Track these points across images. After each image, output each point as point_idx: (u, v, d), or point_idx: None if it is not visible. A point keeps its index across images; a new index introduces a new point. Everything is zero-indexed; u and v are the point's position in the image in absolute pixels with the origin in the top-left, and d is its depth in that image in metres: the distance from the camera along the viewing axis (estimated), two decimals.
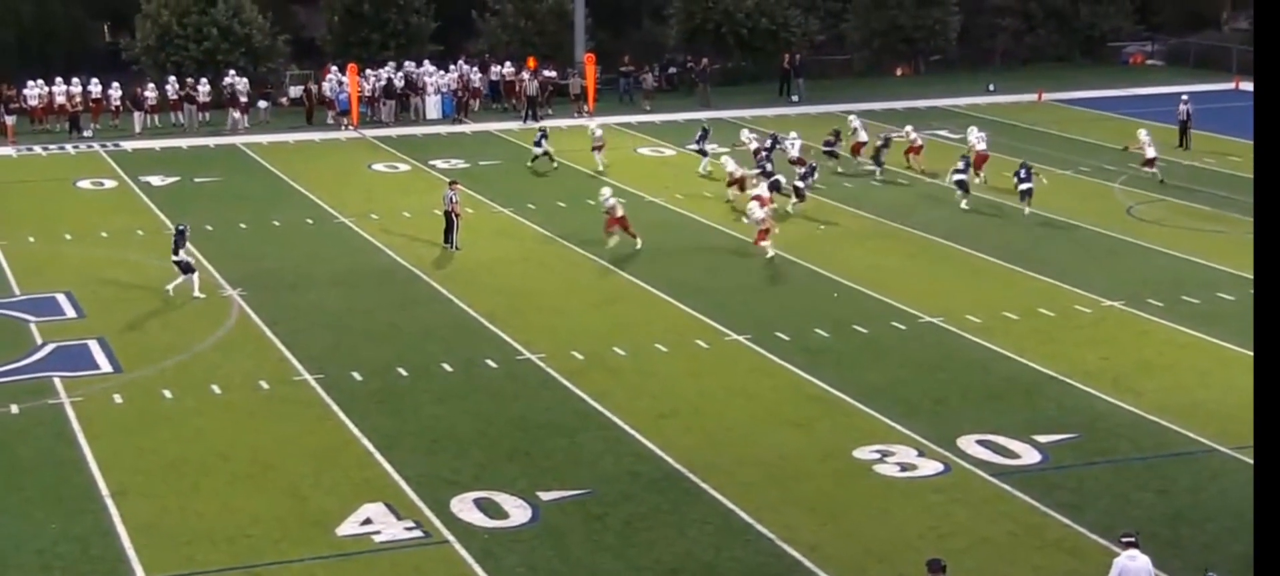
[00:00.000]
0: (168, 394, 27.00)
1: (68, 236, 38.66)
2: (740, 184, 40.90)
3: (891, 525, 21.52)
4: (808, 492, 22.61)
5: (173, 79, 57.40)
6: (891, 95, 61.53)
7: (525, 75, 59.05)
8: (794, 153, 45.02)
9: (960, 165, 42.06)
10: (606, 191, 38.28)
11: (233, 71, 57.68)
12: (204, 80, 57.17)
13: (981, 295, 33.04)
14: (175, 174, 46.95)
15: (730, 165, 41.86)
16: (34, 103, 55.54)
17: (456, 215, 37.11)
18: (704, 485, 22.77)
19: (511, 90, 60.44)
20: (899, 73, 69.44)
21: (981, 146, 44.65)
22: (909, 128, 47.95)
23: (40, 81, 55.79)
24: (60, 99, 55.42)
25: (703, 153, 46.69)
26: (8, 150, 51.45)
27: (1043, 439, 24.48)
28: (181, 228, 33.64)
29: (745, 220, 36.92)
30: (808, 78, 62.91)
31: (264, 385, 27.49)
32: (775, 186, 40.00)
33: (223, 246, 37.31)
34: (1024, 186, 40.34)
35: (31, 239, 38.15)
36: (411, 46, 63.50)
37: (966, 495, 22.52)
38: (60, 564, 20.49)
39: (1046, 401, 26.56)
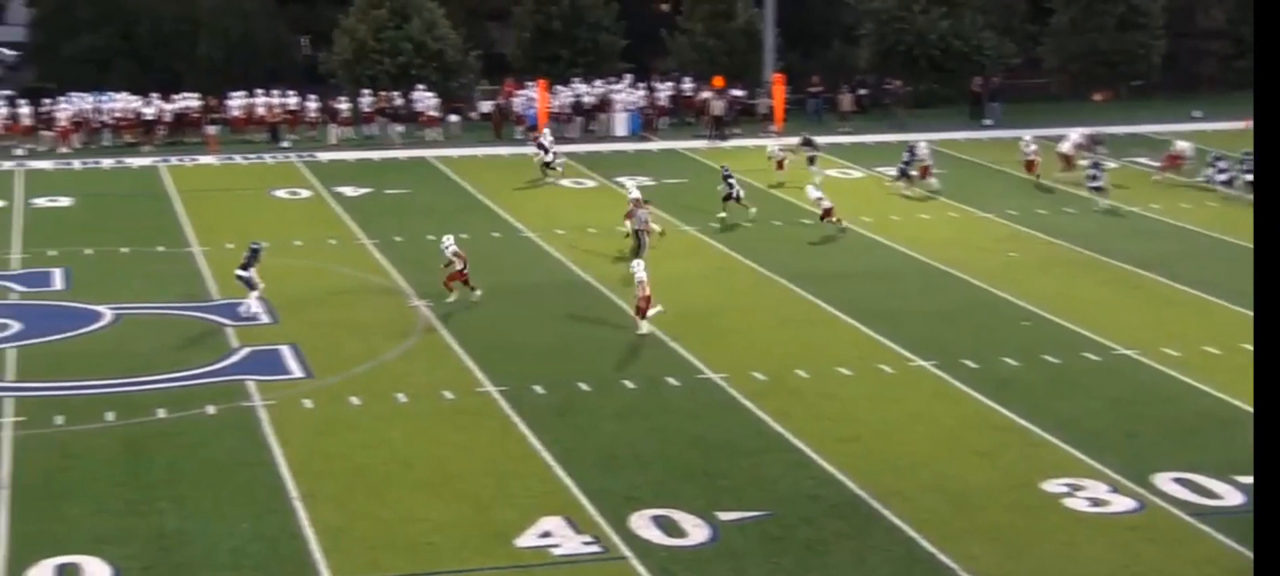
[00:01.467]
0: (355, 401, 27.63)
1: (265, 243, 39.71)
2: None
3: (1081, 562, 21.12)
4: (993, 524, 22.31)
5: (367, 92, 58.80)
6: (1090, 120, 60.38)
7: (710, 94, 59.26)
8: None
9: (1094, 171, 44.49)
10: (631, 183, 38.85)
11: (423, 86, 58.93)
12: (397, 94, 58.43)
13: (1178, 327, 32.28)
14: (367, 185, 48.03)
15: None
16: (236, 113, 57.40)
17: (647, 232, 37.36)
18: (886, 511, 22.61)
19: (692, 106, 60.69)
20: (1098, 98, 68.06)
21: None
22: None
23: (242, 93, 57.66)
24: (260, 110, 57.17)
25: (907, 175, 46.47)
26: (210, 159, 53.12)
27: (1244, 480, 23.73)
28: (256, 247, 33.97)
29: None
30: (1003, 102, 62.11)
31: (448, 395, 27.98)
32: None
33: (410, 257, 38.05)
34: (1094, 184, 44.04)
35: (229, 245, 39.25)
36: (600, 64, 64.14)
37: (1161, 534, 21.98)
38: (251, 563, 21.08)
39: (1248, 440, 25.84)
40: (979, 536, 21.85)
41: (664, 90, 61.08)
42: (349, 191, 47.08)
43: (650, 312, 31.40)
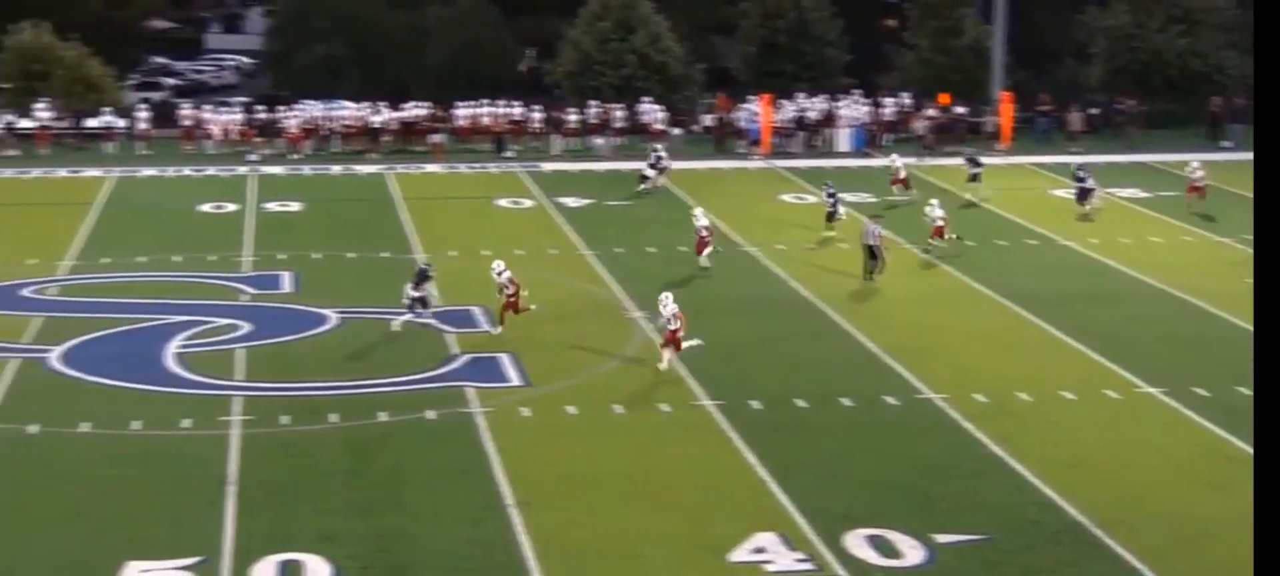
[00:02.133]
0: (572, 410, 27.92)
1: (485, 252, 40.35)
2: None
3: None
4: (1224, 560, 21.58)
5: (592, 104, 59.42)
6: None
7: (919, 110, 58.79)
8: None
9: None
10: (699, 211, 39.23)
11: (649, 99, 59.36)
12: (620, 107, 58.96)
13: None
14: (589, 196, 48.54)
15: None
16: (461, 122, 58.51)
17: (882, 249, 37.06)
18: (1109, 541, 22.06)
19: (907, 124, 60.10)
20: None
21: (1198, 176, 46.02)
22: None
23: (469, 102, 58.78)
24: (485, 120, 58.18)
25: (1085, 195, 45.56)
26: (435, 167, 54.23)
27: None
28: (425, 268, 34.06)
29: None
30: (1245, 123, 60.18)
31: (664, 408, 28.10)
32: None
33: (630, 269, 38.36)
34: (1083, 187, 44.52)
35: (452, 253, 40.04)
36: (824, 79, 63.89)
37: None
38: (467, 565, 21.43)
39: None
40: (1207, 572, 21.20)
41: (889, 107, 60.61)
42: (571, 202, 47.63)
43: (685, 345, 30.34)
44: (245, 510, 23.18)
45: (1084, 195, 45.53)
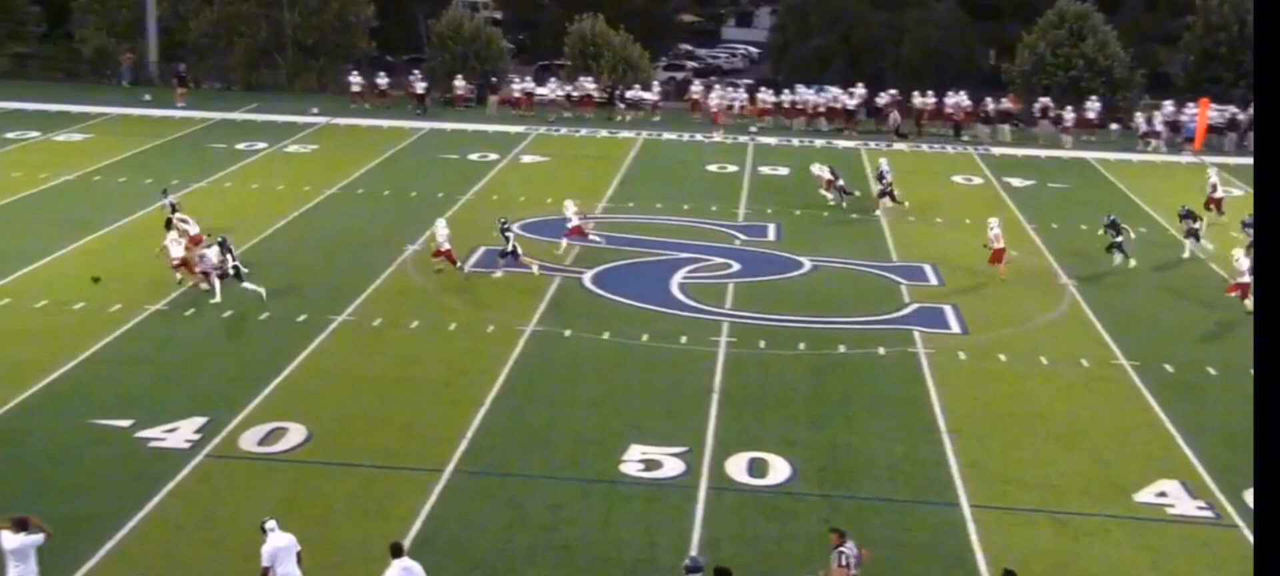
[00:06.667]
0: (1002, 358, 27.25)
1: (938, 220, 39.83)
2: None
3: None
4: None
5: (1042, 99, 57.54)
6: None
7: None
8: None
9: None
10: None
11: (1095, 98, 57.00)
12: (1069, 107, 56.72)
13: None
14: (1032, 178, 47.00)
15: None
16: (923, 108, 57.60)
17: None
18: None
19: None
20: None
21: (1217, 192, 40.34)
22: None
23: (930, 93, 57.85)
24: (948, 108, 57.08)
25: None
26: (901, 146, 53.78)
27: None
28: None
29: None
30: None
31: (1084, 363, 27.05)
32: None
33: (1064, 242, 36.99)
34: (1116, 238, 34.82)
35: (911, 219, 39.63)
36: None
37: None
38: (903, 479, 21.37)
39: None
40: None
41: None
42: (1016, 182, 46.26)
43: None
44: (725, 414, 23.81)
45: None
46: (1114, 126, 56.62)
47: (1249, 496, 20.50)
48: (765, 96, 58.85)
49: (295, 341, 26.87)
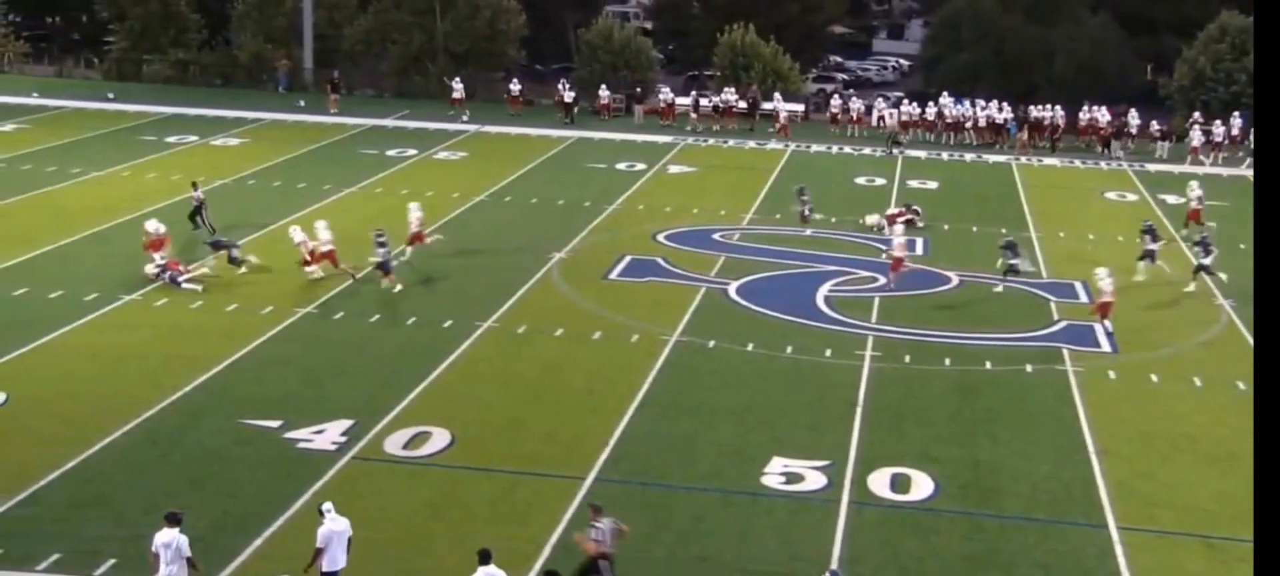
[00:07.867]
0: (1154, 378, 26.65)
1: (1091, 236, 39.06)
2: None
3: None
4: None
5: (1196, 115, 55.96)
6: None
7: None
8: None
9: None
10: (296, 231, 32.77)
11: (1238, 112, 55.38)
12: (1218, 122, 55.06)
13: None
14: (1182, 196, 45.74)
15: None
16: (1081, 123, 56.45)
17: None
18: None
19: None
20: None
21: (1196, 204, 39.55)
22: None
23: (1085, 107, 56.72)
24: (1101, 123, 55.85)
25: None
26: (1053, 161, 52.79)
27: None
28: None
29: None
30: None
31: (1240, 386, 26.22)
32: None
33: (1224, 262, 35.94)
34: (1151, 245, 34.30)
35: (1062, 235, 38.93)
36: None
37: None
38: (1047, 497, 21.04)
39: None
40: None
41: None
42: (1171, 199, 45.06)
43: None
44: (868, 427, 23.68)
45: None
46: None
47: None
48: (911, 109, 58.16)
49: (441, 346, 27.41)
